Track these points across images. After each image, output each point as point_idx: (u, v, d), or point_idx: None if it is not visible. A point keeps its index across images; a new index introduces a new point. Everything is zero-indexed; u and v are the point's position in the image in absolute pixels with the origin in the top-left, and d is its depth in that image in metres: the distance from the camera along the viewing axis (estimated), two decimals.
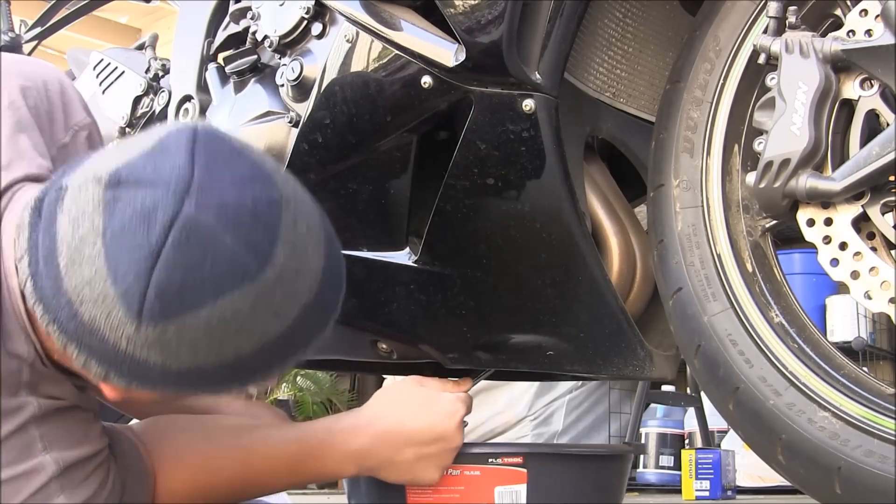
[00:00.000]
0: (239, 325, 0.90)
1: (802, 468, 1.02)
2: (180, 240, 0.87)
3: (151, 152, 0.91)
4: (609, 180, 1.35)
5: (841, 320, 3.39)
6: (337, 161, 1.30)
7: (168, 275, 0.87)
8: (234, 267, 0.89)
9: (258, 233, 0.90)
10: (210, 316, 0.88)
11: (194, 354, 0.90)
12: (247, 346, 0.92)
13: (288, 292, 0.93)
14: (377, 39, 1.24)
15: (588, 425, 3.39)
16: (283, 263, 0.91)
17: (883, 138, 0.97)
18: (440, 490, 1.24)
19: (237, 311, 0.89)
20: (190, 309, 0.88)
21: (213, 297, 0.88)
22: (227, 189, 0.90)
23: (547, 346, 1.26)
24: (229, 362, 0.92)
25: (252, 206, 0.91)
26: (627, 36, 1.32)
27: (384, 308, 1.33)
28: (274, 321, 0.93)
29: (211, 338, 0.89)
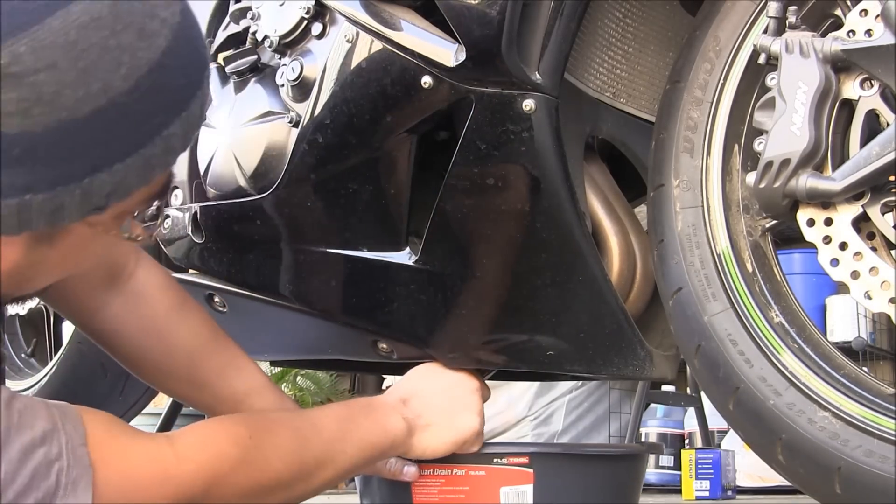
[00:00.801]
0: (102, 41, 0.76)
1: (802, 468, 1.02)
2: None
3: None
4: (609, 180, 1.35)
5: (841, 320, 3.39)
6: (337, 161, 1.30)
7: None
8: None
9: None
10: (65, 24, 0.75)
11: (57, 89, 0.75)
12: (117, 77, 0.77)
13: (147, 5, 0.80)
14: (377, 39, 1.24)
15: (588, 425, 3.39)
16: None
17: (883, 138, 0.97)
18: (445, 490, 1.24)
19: (95, 17, 0.76)
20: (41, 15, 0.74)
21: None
22: None
23: (547, 346, 1.26)
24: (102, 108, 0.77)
25: None
26: (627, 36, 1.32)
27: (384, 308, 1.33)
28: (141, 43, 0.79)
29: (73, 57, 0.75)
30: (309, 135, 1.30)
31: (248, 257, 1.42)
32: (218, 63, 1.54)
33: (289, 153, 1.33)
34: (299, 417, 1.14)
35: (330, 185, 1.32)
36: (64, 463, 0.85)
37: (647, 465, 1.39)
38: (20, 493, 0.82)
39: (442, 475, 1.25)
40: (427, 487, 1.25)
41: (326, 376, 4.76)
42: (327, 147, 1.30)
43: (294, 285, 1.41)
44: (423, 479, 1.26)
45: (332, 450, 1.11)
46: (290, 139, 1.33)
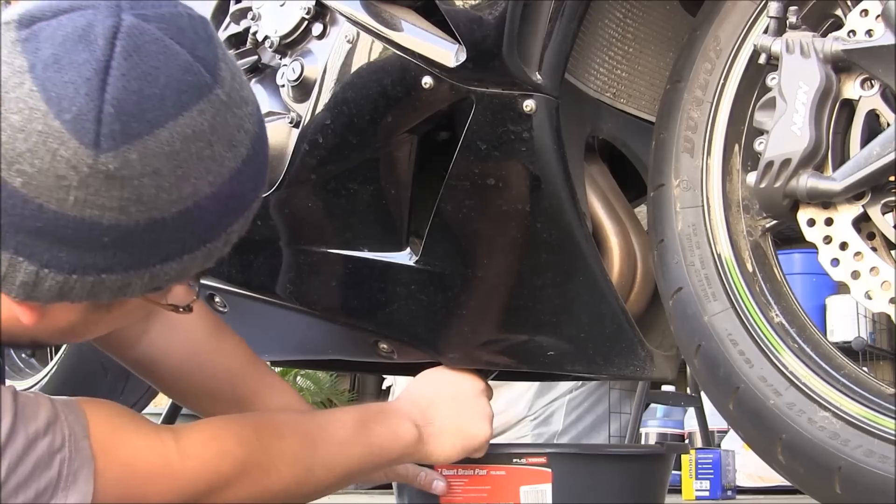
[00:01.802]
0: (199, 151, 0.82)
1: (802, 468, 1.02)
2: (129, 48, 0.80)
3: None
4: (609, 180, 1.35)
5: (841, 320, 3.39)
6: (338, 161, 1.30)
7: (123, 87, 0.78)
8: (190, 77, 0.82)
9: (202, 45, 0.84)
10: (172, 136, 0.80)
11: (156, 192, 0.80)
12: (205, 183, 0.83)
13: (237, 119, 0.86)
14: (378, 40, 1.24)
15: (588, 425, 3.39)
16: (231, 84, 0.86)
17: (883, 138, 0.97)
18: (468, 490, 1.27)
19: (197, 130, 0.82)
20: (152, 127, 0.79)
21: (174, 113, 0.81)
22: (159, 4, 0.85)
23: (547, 346, 1.26)
24: (188, 210, 0.83)
25: (189, 20, 0.85)
26: (628, 36, 1.32)
27: (384, 308, 1.33)
28: (228, 153, 0.85)
29: (174, 165, 0.81)
30: (309, 135, 1.30)
31: (248, 257, 1.42)
32: None
33: (289, 153, 1.33)
34: (310, 421, 1.13)
35: (330, 186, 1.32)
36: (66, 454, 0.87)
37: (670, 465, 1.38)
38: (22, 483, 0.84)
39: (465, 475, 1.28)
40: (452, 487, 1.28)
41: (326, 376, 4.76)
42: (328, 147, 1.30)
43: (294, 285, 1.41)
44: (448, 478, 1.28)
45: (341, 454, 1.11)
46: (290, 139, 1.33)
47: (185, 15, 0.86)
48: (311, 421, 1.13)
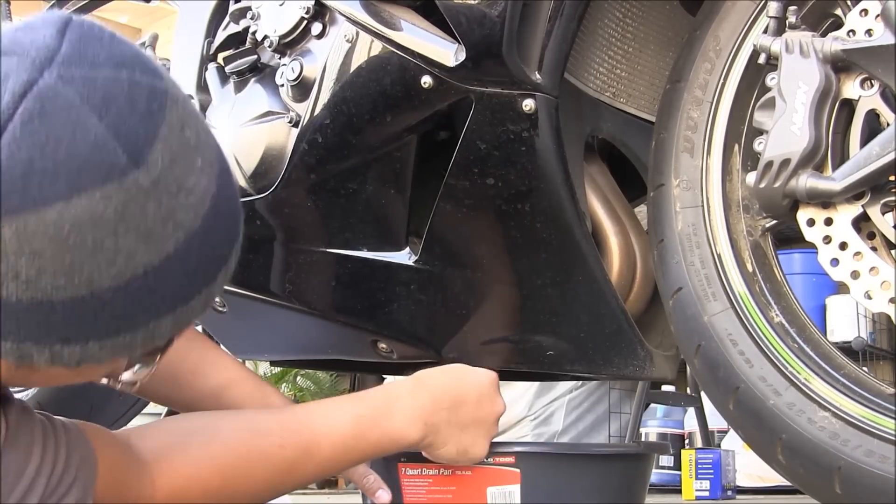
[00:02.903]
0: (98, 240, 0.71)
1: (802, 468, 1.02)
2: (32, 112, 0.70)
3: (14, 29, 0.75)
4: (609, 180, 1.35)
5: (841, 320, 3.39)
6: (337, 161, 1.30)
7: (11, 155, 0.69)
8: (99, 156, 0.70)
9: (133, 121, 0.72)
10: (60, 218, 0.69)
11: (37, 274, 0.70)
12: (106, 275, 0.72)
13: (164, 210, 0.73)
14: (377, 39, 1.24)
15: (588, 425, 3.39)
16: (162, 169, 0.73)
17: (883, 138, 0.97)
18: (433, 490, 1.23)
19: (97, 217, 0.70)
20: (35, 204, 0.69)
21: (66, 192, 0.69)
22: (100, 66, 0.73)
23: (547, 346, 1.26)
24: (82, 298, 0.72)
25: (129, 90, 0.73)
26: (627, 36, 1.32)
27: (384, 308, 1.33)
28: (143, 246, 0.73)
29: (60, 251, 0.70)
30: (309, 135, 1.30)
31: (247, 257, 1.42)
32: (218, 63, 1.54)
33: (289, 153, 1.33)
34: (298, 436, 1.06)
35: (330, 185, 1.32)
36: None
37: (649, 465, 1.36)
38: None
39: (430, 475, 1.24)
40: (416, 487, 1.25)
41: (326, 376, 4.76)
42: (327, 147, 1.30)
43: (294, 285, 1.41)
44: (412, 478, 1.25)
45: (331, 467, 1.09)
46: (289, 139, 1.33)
47: (127, 82, 0.74)
48: (301, 437, 1.06)
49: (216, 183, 0.79)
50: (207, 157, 0.78)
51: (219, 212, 0.79)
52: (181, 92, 0.79)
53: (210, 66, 1.55)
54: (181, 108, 0.77)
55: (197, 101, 1.55)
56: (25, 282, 0.71)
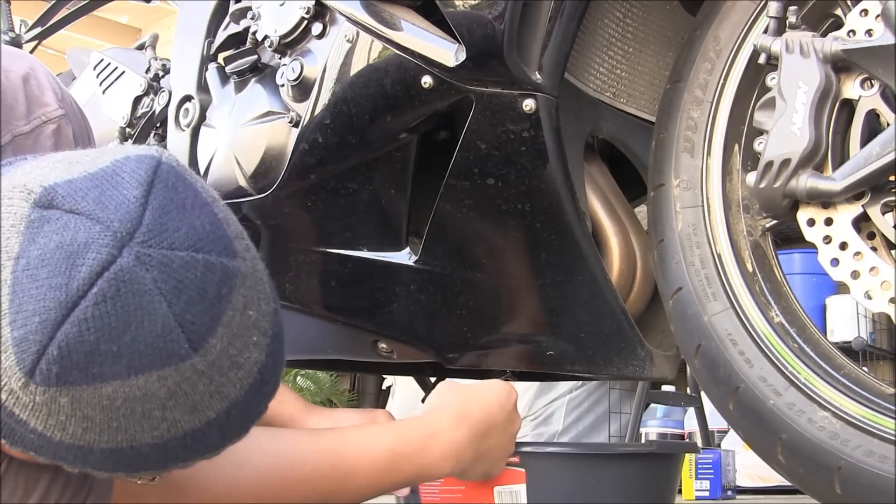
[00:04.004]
0: (147, 412, 0.74)
1: (802, 468, 1.02)
2: (107, 293, 0.71)
3: (100, 176, 0.76)
4: (609, 180, 1.35)
5: (841, 320, 3.39)
6: (337, 161, 1.30)
7: (79, 334, 0.71)
8: (162, 343, 0.73)
9: (200, 310, 0.74)
10: (115, 393, 0.73)
11: (83, 432, 0.74)
12: (148, 436, 0.76)
13: (214, 386, 0.77)
14: (377, 39, 1.24)
15: (588, 425, 3.39)
16: (219, 352, 0.76)
17: (883, 138, 0.97)
18: (444, 490, 1.25)
19: (150, 394, 0.73)
20: (94, 380, 0.72)
21: (125, 373, 0.72)
22: (178, 245, 0.74)
23: (547, 346, 1.26)
24: (121, 450, 0.76)
25: (201, 276, 0.75)
26: (627, 36, 1.32)
27: (384, 308, 1.33)
28: (187, 416, 0.76)
29: (109, 418, 0.74)
30: (309, 135, 1.30)
31: None
32: (218, 63, 1.55)
33: (289, 153, 1.33)
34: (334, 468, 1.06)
35: (330, 185, 1.32)
36: None
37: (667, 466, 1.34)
38: None
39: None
40: (430, 487, 1.26)
41: (326, 376, 4.76)
42: (327, 147, 1.30)
43: (294, 285, 1.41)
44: None
45: (361, 496, 1.09)
46: (290, 139, 1.33)
47: (202, 267, 0.75)
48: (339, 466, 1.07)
49: (266, 353, 0.81)
50: (263, 329, 0.80)
51: (263, 379, 0.81)
52: (251, 264, 0.80)
53: (210, 66, 1.55)
54: (248, 285, 0.79)
55: (197, 101, 1.56)
56: (71, 435, 0.74)
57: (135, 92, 1.85)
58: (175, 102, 1.60)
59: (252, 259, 0.81)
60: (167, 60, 1.80)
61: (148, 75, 1.86)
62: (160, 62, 1.87)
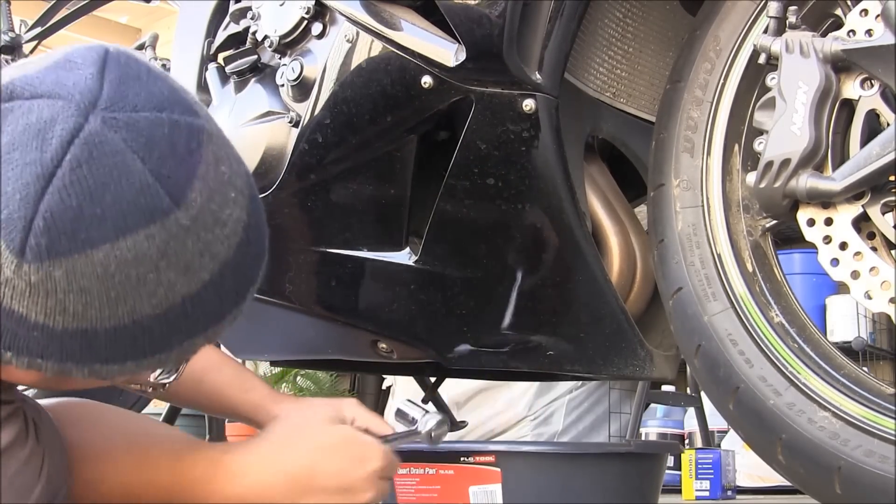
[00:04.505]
0: (141, 276, 0.75)
1: (802, 468, 1.02)
2: (80, 158, 0.73)
3: (54, 65, 0.78)
4: (609, 180, 1.35)
5: (841, 320, 3.39)
6: (337, 161, 1.30)
7: (60, 201, 0.72)
8: (143, 200, 0.74)
9: (173, 163, 0.76)
10: (107, 258, 0.74)
11: (84, 308, 0.75)
12: (147, 305, 0.77)
13: (202, 243, 0.78)
14: (377, 39, 1.24)
15: (588, 425, 3.39)
16: (200, 206, 0.77)
17: (883, 138, 0.97)
18: (420, 489, 1.24)
19: (141, 255, 0.75)
20: (84, 246, 0.73)
21: (113, 235, 0.74)
22: (141, 108, 0.76)
23: (547, 346, 1.26)
24: (124, 326, 0.77)
25: (169, 132, 0.77)
26: (628, 36, 1.32)
27: (384, 308, 1.33)
28: (182, 278, 0.78)
29: (106, 287, 0.74)
30: (309, 135, 1.30)
31: None
32: (218, 63, 1.55)
33: (289, 153, 1.33)
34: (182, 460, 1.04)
35: (330, 185, 1.32)
36: None
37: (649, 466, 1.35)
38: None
39: (416, 474, 1.25)
40: (405, 486, 1.25)
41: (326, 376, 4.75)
42: (327, 147, 1.30)
43: (294, 285, 1.40)
44: (402, 477, 1.25)
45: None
46: (289, 139, 1.33)
47: (167, 124, 0.77)
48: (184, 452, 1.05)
49: (246, 212, 0.83)
50: (239, 187, 0.83)
51: (249, 239, 0.84)
52: (215, 125, 0.83)
53: (210, 66, 1.55)
54: (216, 142, 0.81)
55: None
56: (73, 315, 0.75)
57: None
58: None
59: (215, 123, 0.83)
60: (167, 60, 1.80)
61: None
62: (160, 62, 1.87)
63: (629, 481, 1.30)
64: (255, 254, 0.86)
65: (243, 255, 0.83)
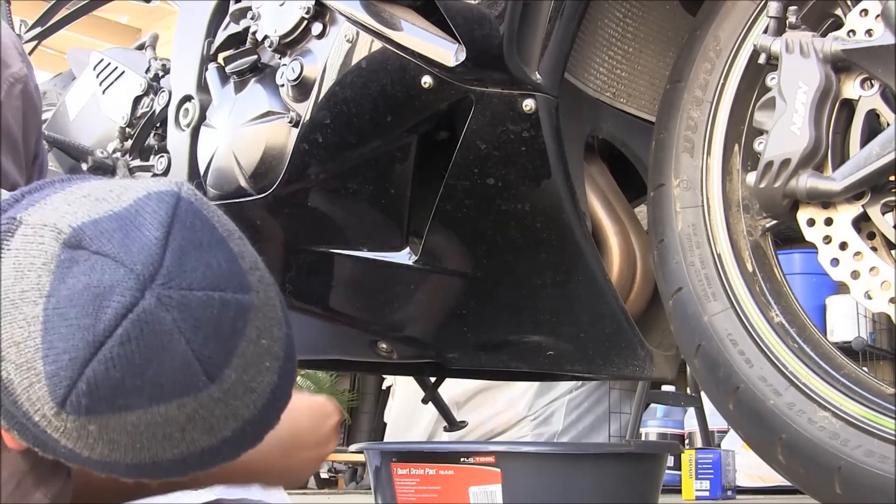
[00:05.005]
0: (167, 434, 0.81)
1: (802, 468, 1.02)
2: (131, 334, 0.78)
3: (124, 216, 0.81)
4: (609, 180, 1.35)
5: (841, 320, 3.39)
6: (337, 161, 1.30)
7: (105, 371, 0.78)
8: (182, 377, 0.80)
9: (216, 344, 0.81)
10: (138, 420, 0.80)
11: (110, 451, 0.82)
12: (168, 454, 0.83)
13: (229, 410, 0.83)
14: (377, 39, 1.24)
15: (588, 425, 3.39)
16: (234, 381, 0.82)
17: (883, 138, 0.97)
18: (420, 490, 1.25)
19: (169, 420, 0.81)
20: (120, 410, 0.79)
21: (147, 403, 0.79)
22: (196, 285, 0.80)
23: (547, 346, 1.26)
24: (144, 464, 0.83)
25: (218, 313, 0.81)
26: (628, 36, 1.32)
27: (384, 308, 1.33)
28: (205, 436, 0.84)
29: (133, 440, 0.81)
30: (309, 135, 1.30)
31: None
32: (218, 63, 1.55)
33: (289, 153, 1.32)
34: None
35: (330, 185, 1.32)
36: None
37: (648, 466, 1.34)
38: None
39: (417, 475, 1.26)
40: (406, 486, 1.26)
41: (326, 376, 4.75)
42: (327, 147, 1.30)
43: (294, 285, 1.41)
44: (403, 477, 1.26)
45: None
46: (289, 139, 1.33)
47: (218, 304, 0.81)
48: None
49: (278, 374, 0.87)
50: (276, 353, 0.86)
51: (276, 397, 0.87)
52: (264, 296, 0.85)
53: (210, 66, 1.55)
54: (261, 316, 0.84)
55: (197, 101, 1.56)
56: (99, 454, 0.82)
57: (135, 92, 1.85)
58: (175, 102, 1.60)
59: (265, 289, 0.86)
60: (167, 60, 1.80)
61: (148, 75, 1.86)
62: (160, 62, 1.87)
63: (629, 481, 1.30)
64: (278, 408, 0.90)
65: (267, 412, 0.88)
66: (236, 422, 0.85)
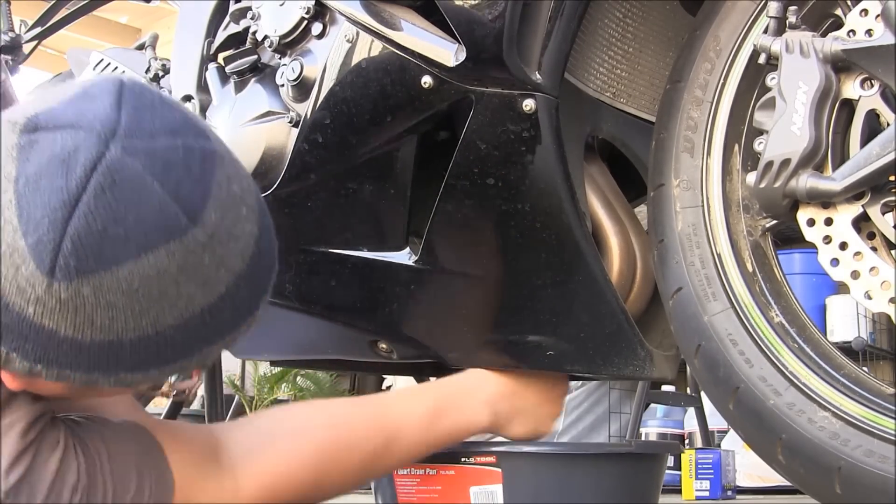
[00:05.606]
0: (162, 289, 0.82)
1: (802, 468, 1.02)
2: (103, 184, 0.79)
3: (74, 98, 0.84)
4: (609, 180, 1.35)
5: (841, 320, 3.39)
6: (337, 161, 1.30)
7: (87, 224, 0.79)
8: (162, 220, 0.81)
9: (189, 185, 0.83)
10: (131, 275, 0.80)
11: (110, 321, 0.81)
12: (169, 317, 0.83)
13: (218, 258, 0.85)
14: (377, 39, 1.24)
15: (588, 425, 3.39)
16: (215, 223, 0.84)
17: (883, 138, 0.97)
18: (421, 490, 1.25)
19: (161, 271, 0.81)
20: (109, 265, 0.79)
21: (135, 253, 0.80)
22: (156, 135, 0.83)
23: (547, 346, 1.26)
24: (148, 336, 0.83)
25: (184, 156, 0.83)
26: (628, 36, 1.32)
27: (384, 308, 1.33)
28: (200, 290, 0.84)
29: (131, 301, 0.81)
30: (309, 135, 1.30)
31: None
32: (218, 63, 1.55)
33: (289, 153, 1.33)
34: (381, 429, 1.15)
35: (330, 185, 1.32)
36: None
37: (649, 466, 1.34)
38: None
39: (417, 475, 1.26)
40: (406, 486, 1.26)
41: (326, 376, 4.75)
42: (327, 147, 1.30)
43: (294, 285, 1.41)
44: (403, 478, 1.26)
45: (408, 455, 1.17)
46: (289, 139, 1.33)
47: (182, 147, 0.84)
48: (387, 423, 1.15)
49: (258, 226, 0.90)
50: (250, 203, 0.90)
51: (261, 251, 0.91)
52: (225, 147, 0.90)
53: (210, 66, 1.55)
54: (227, 164, 0.88)
55: (197, 101, 1.56)
56: (100, 328, 0.81)
57: None
58: None
59: (225, 146, 0.90)
60: (167, 60, 1.80)
61: (148, 75, 1.86)
62: (160, 62, 1.87)
63: (629, 482, 1.30)
64: (266, 265, 0.93)
65: (256, 267, 0.90)
66: (228, 274, 0.86)
